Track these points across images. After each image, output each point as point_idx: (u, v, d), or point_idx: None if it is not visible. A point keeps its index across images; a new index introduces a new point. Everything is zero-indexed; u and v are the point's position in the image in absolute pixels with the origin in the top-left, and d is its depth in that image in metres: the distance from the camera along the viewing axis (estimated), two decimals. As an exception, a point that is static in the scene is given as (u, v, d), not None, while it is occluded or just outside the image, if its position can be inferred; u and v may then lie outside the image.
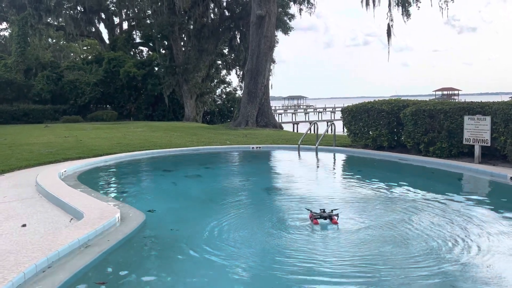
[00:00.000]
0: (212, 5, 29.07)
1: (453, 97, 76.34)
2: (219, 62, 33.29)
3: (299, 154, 12.34)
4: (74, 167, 9.43)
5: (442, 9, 20.85)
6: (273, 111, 27.87)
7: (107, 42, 37.28)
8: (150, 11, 31.52)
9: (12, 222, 5.45)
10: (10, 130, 21.10)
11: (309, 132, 15.53)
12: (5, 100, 29.96)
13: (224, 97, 36.49)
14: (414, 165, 9.93)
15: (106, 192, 7.60)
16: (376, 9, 21.93)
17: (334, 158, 11.92)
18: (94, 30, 37.36)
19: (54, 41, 46.28)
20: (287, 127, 30.53)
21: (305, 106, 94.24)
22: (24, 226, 5.25)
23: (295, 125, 38.71)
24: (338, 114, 39.17)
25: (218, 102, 36.29)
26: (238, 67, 31.93)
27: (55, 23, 35.26)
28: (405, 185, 8.12)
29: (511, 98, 14.39)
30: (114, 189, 8.19)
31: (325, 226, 5.24)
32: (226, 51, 32.66)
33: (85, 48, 50.36)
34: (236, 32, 29.94)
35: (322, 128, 14.93)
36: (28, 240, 4.70)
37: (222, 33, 29.57)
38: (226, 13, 29.47)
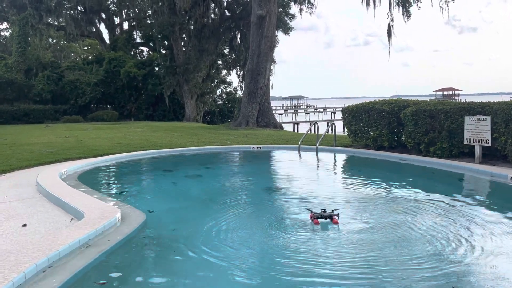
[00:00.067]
0: (212, 5, 29.06)
1: (453, 97, 76.32)
2: (220, 62, 33.29)
3: (300, 154, 12.34)
4: (75, 167, 9.44)
5: (443, 9, 20.86)
6: (273, 111, 27.87)
7: (108, 42, 37.31)
8: (150, 11, 31.53)
9: (12, 222, 5.45)
10: (10, 130, 21.11)
11: (309, 132, 15.53)
12: (5, 100, 29.99)
13: (224, 97, 36.50)
14: (415, 165, 9.93)
15: (106, 192, 7.60)
16: (376, 9, 21.95)
17: (335, 158, 11.92)
18: (94, 30, 37.39)
19: (54, 41, 46.34)
20: (288, 127, 30.53)
21: (305, 106, 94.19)
22: (24, 226, 5.25)
23: (296, 125, 38.70)
24: (339, 114, 39.20)
25: (219, 102, 36.29)
26: (238, 67, 31.94)
27: (56, 23, 35.29)
28: (405, 185, 8.12)
29: (512, 98, 14.40)
30: (115, 189, 8.19)
31: (325, 226, 5.24)
32: (226, 51, 32.66)
33: (85, 48, 50.43)
34: (236, 32, 29.93)
35: (322, 128, 14.91)
36: (28, 240, 4.70)
37: (223, 33, 29.57)
38: (227, 13, 29.47)
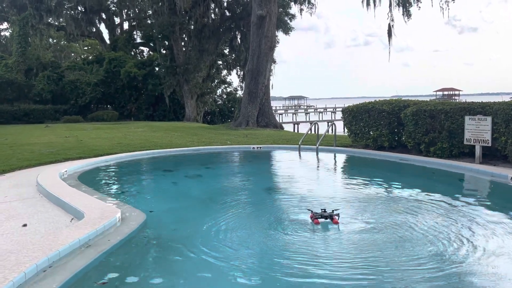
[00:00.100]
0: (212, 5, 29.07)
1: (454, 97, 76.30)
2: (220, 62, 33.30)
3: (300, 154, 12.34)
4: (75, 167, 9.43)
5: (443, 9, 20.86)
6: (273, 111, 27.86)
7: (108, 42, 37.33)
8: (150, 11, 31.54)
9: (13, 222, 5.45)
10: (11, 130, 21.12)
11: (309, 132, 15.53)
12: (6, 100, 30.00)
13: (224, 97, 36.50)
14: (415, 165, 9.92)
15: (106, 192, 7.60)
16: (376, 9, 21.97)
17: (335, 158, 11.92)
18: (94, 30, 37.41)
19: (55, 41, 46.35)
20: (288, 127, 30.52)
21: (305, 106, 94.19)
22: (25, 226, 5.25)
23: (296, 125, 38.69)
24: (339, 114, 39.19)
25: (219, 102, 36.29)
26: (238, 67, 31.94)
27: (56, 23, 35.31)
28: (406, 185, 8.12)
29: (512, 99, 14.39)
30: (115, 189, 8.19)
31: (326, 226, 5.24)
32: (226, 51, 32.67)
33: (85, 48, 50.44)
34: (236, 32, 29.94)
35: (322, 128, 14.92)
36: (29, 239, 4.70)
37: (223, 33, 29.58)
38: (227, 13, 29.48)
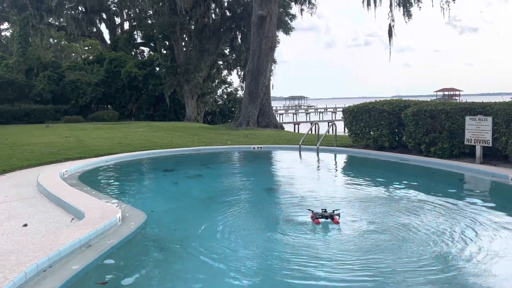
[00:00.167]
0: (213, 5, 29.08)
1: (454, 97, 76.28)
2: (220, 62, 33.31)
3: (300, 155, 12.33)
4: (75, 167, 9.44)
5: (443, 9, 20.84)
6: (274, 112, 27.86)
7: (108, 42, 37.34)
8: (151, 11, 31.54)
9: (13, 221, 5.46)
10: (11, 130, 21.13)
11: (310, 132, 15.53)
12: (6, 100, 30.02)
13: (225, 97, 36.50)
14: (415, 165, 9.91)
15: (107, 192, 7.60)
16: (377, 9, 21.96)
17: (335, 159, 11.91)
18: (95, 30, 37.43)
19: (55, 41, 46.36)
20: (288, 128, 30.49)
21: (306, 107, 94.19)
22: (25, 225, 5.25)
23: (296, 125, 38.67)
24: (339, 115, 39.19)
25: (219, 103, 36.30)
26: (239, 68, 31.95)
27: (57, 23, 35.33)
28: (406, 185, 8.12)
29: (513, 99, 14.37)
30: (115, 189, 8.19)
31: (326, 226, 5.23)
32: (227, 52, 32.68)
33: (86, 48, 50.47)
34: (237, 32, 29.95)
35: (323, 128, 14.91)
36: (29, 239, 4.70)
37: (223, 33, 29.58)
38: (227, 13, 29.48)
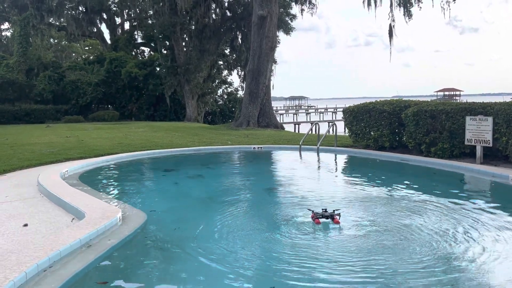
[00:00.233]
0: (213, 5, 29.09)
1: (454, 97, 76.26)
2: (221, 62, 33.30)
3: (301, 155, 12.33)
4: (76, 167, 9.44)
5: (444, 9, 20.83)
6: (274, 112, 27.84)
7: (109, 42, 37.35)
8: (151, 12, 31.55)
9: (14, 221, 5.46)
10: (11, 130, 21.13)
11: (310, 132, 15.53)
12: (7, 100, 30.03)
13: (225, 97, 36.50)
14: (416, 165, 9.91)
15: (107, 192, 7.61)
16: (377, 9, 21.94)
17: (336, 159, 11.92)
18: (95, 30, 37.44)
19: (56, 41, 46.37)
20: (289, 128, 30.47)
21: (306, 107, 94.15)
22: (25, 225, 5.25)
23: (297, 125, 38.68)
24: (340, 115, 39.16)
25: (220, 103, 36.30)
26: (239, 68, 31.94)
27: (57, 23, 35.35)
28: (406, 185, 8.11)
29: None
30: (116, 189, 8.20)
31: (327, 226, 5.23)
32: (227, 52, 32.68)
33: (86, 48, 50.49)
34: (237, 32, 29.94)
35: (323, 128, 14.92)
36: (29, 239, 4.70)
37: (224, 33, 29.58)
38: (228, 13, 29.48)
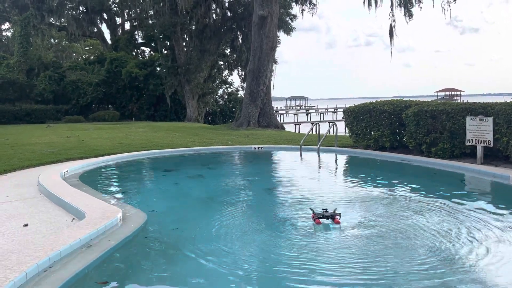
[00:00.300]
0: (214, 5, 29.09)
1: (455, 98, 76.27)
2: (221, 62, 33.31)
3: (301, 155, 12.33)
4: (76, 167, 9.44)
5: (445, 9, 20.83)
6: (275, 112, 27.85)
7: (109, 42, 37.36)
8: (152, 12, 31.55)
9: (14, 221, 5.46)
10: (12, 130, 21.15)
11: (311, 132, 15.52)
12: (7, 100, 30.05)
13: (226, 97, 36.51)
14: (416, 165, 9.91)
15: (107, 192, 7.60)
16: (378, 9, 21.97)
17: (336, 159, 11.91)
18: (96, 31, 37.46)
19: (56, 41, 46.40)
20: (289, 128, 30.51)
21: (307, 107, 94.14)
22: (26, 225, 5.25)
23: (297, 125, 38.72)
24: (340, 115, 39.17)
25: (220, 103, 36.31)
26: (240, 68, 31.96)
27: (58, 23, 35.37)
28: (407, 186, 8.11)
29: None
30: (116, 189, 8.20)
31: (327, 226, 5.23)
32: (228, 52, 32.69)
33: (87, 48, 50.53)
34: (238, 32, 29.95)
35: (324, 128, 14.91)
36: (30, 239, 4.70)
37: (224, 33, 29.58)
38: (228, 13, 29.49)
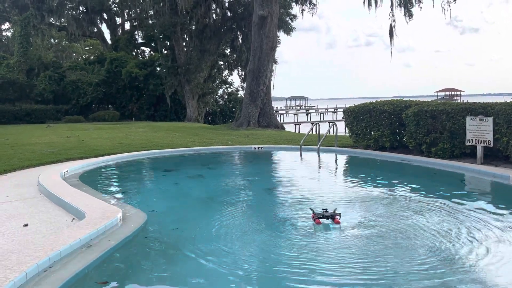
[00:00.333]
0: (214, 5, 29.09)
1: (455, 98, 76.27)
2: (221, 62, 33.32)
3: (301, 155, 12.33)
4: (76, 167, 9.44)
5: (445, 9, 20.83)
6: (275, 112, 27.85)
7: (109, 42, 37.37)
8: (152, 12, 31.55)
9: (14, 221, 5.46)
10: (12, 130, 21.15)
11: (311, 132, 15.52)
12: (7, 100, 30.06)
13: (226, 97, 36.51)
14: (416, 165, 9.91)
15: (107, 192, 7.60)
16: (378, 9, 21.97)
17: (336, 159, 11.91)
18: (96, 31, 37.46)
19: (56, 41, 46.40)
20: (289, 128, 30.51)
21: (307, 107, 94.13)
22: (26, 225, 5.26)
23: (297, 125, 38.73)
24: (340, 115, 39.18)
25: (220, 103, 36.31)
26: (240, 68, 31.96)
27: (58, 23, 35.37)
28: (407, 186, 8.11)
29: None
30: (116, 189, 8.20)
31: (327, 226, 5.23)
32: (228, 52, 32.69)
33: (87, 48, 50.52)
34: (238, 32, 29.95)
35: (324, 128, 14.92)
36: (30, 239, 4.70)
37: (224, 33, 29.58)
38: (228, 13, 29.49)
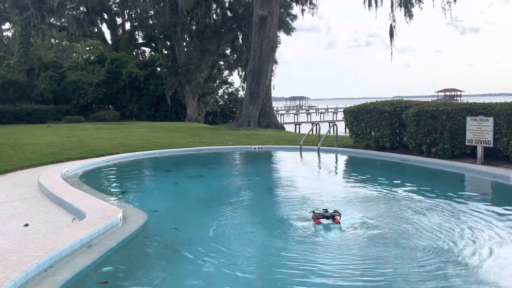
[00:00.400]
0: (214, 5, 29.11)
1: (455, 98, 76.24)
2: (221, 62, 33.33)
3: (301, 155, 12.33)
4: (76, 167, 9.45)
5: (445, 10, 20.85)
6: (275, 112, 27.86)
7: (110, 42, 37.38)
8: (152, 12, 31.58)
9: (14, 221, 5.46)
10: (12, 130, 21.16)
11: (311, 132, 15.52)
12: (8, 100, 30.07)
13: (226, 97, 36.53)
14: (416, 166, 9.91)
15: (108, 192, 7.61)
16: (378, 9, 21.98)
17: (336, 159, 11.92)
18: (96, 31, 37.48)
19: (56, 41, 46.42)
20: (289, 128, 30.51)
21: (307, 107, 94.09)
22: (26, 225, 5.26)
23: (297, 125, 38.73)
24: (340, 115, 39.18)
25: (220, 103, 36.32)
26: (240, 68, 31.97)
27: (58, 24, 35.40)
28: (407, 186, 8.11)
29: (514, 99, 14.35)
30: (116, 189, 8.20)
31: (327, 226, 5.23)
32: (228, 52, 32.71)
33: (87, 48, 50.54)
34: (238, 32, 29.97)
35: (324, 128, 14.92)
36: (30, 239, 4.71)
37: (225, 33, 29.60)
38: (229, 13, 29.51)
